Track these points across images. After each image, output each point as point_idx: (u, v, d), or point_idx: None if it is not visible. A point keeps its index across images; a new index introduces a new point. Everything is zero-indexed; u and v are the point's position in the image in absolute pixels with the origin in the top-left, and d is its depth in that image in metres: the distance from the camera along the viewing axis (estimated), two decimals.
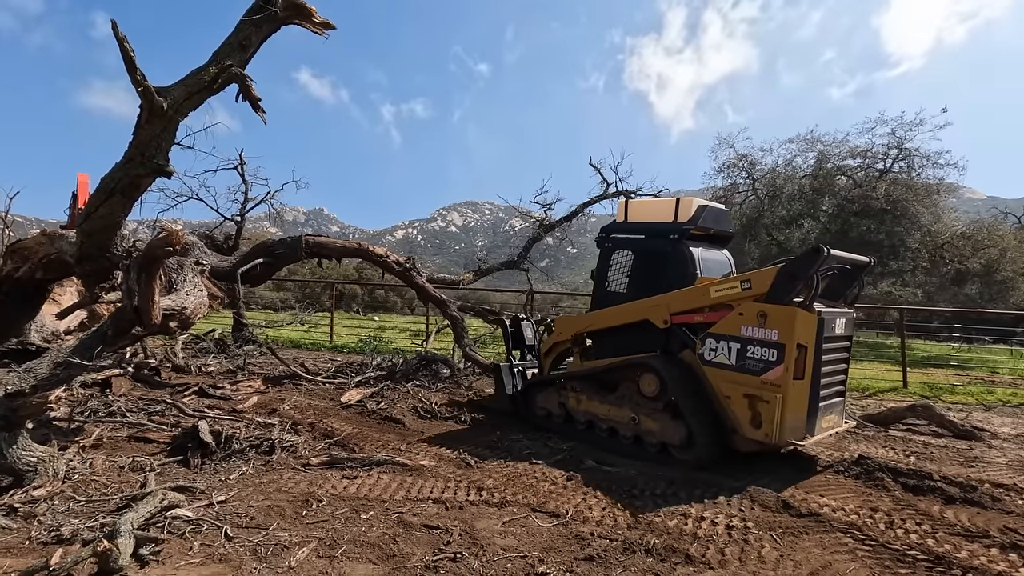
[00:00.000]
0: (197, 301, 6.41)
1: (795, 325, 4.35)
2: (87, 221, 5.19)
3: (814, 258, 4.40)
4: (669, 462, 4.83)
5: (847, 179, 22.83)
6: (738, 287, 4.75)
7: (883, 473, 4.51)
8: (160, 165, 4.81)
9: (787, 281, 4.51)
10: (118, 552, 2.58)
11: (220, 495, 3.62)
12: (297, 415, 5.84)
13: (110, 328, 5.14)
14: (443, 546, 3.09)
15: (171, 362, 8.18)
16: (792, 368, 4.35)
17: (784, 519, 3.67)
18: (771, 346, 4.42)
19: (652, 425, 4.99)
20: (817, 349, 4.49)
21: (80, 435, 4.70)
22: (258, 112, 5.15)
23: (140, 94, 4.46)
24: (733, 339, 4.64)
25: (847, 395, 5.37)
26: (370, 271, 55.43)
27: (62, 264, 6.96)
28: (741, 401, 4.56)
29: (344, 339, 14.24)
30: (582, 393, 5.58)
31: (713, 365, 4.75)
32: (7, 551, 2.82)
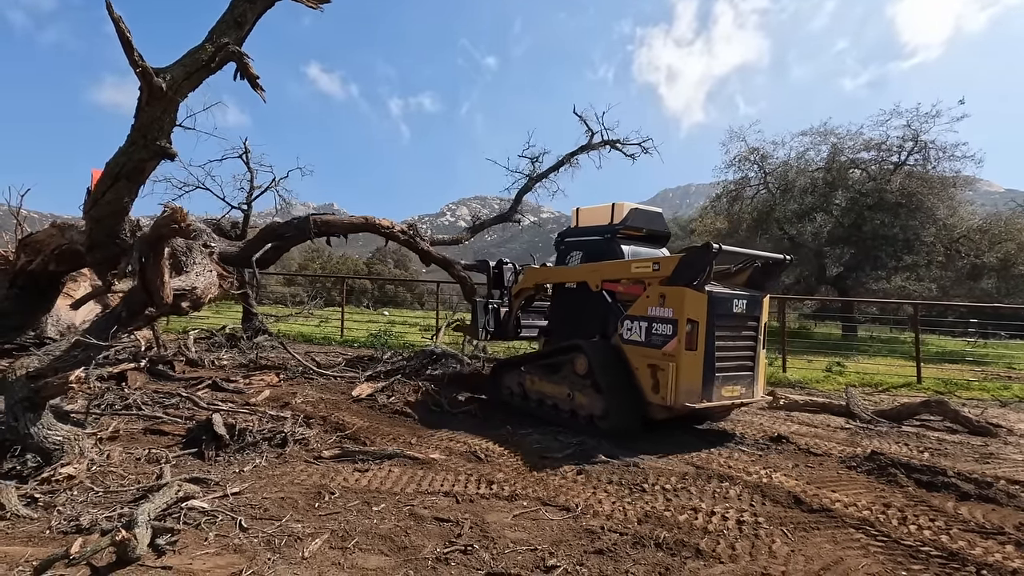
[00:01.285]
0: (207, 281, 6.49)
1: (685, 303, 5.10)
2: (95, 208, 5.20)
3: (706, 253, 5.14)
4: (597, 432, 5.46)
5: (861, 172, 22.52)
6: (650, 267, 5.56)
7: (896, 469, 4.48)
8: (163, 148, 4.80)
9: (685, 269, 5.24)
10: (136, 542, 2.63)
11: (234, 487, 3.67)
12: (309, 409, 5.90)
13: (124, 310, 5.22)
14: (454, 538, 3.11)
15: (185, 356, 8.28)
16: (684, 340, 5.07)
17: (795, 514, 3.65)
18: (668, 322, 5.18)
19: (583, 400, 5.70)
20: (709, 324, 5.16)
21: (97, 427, 4.77)
22: (257, 90, 5.12)
23: (139, 75, 4.45)
24: (643, 319, 5.41)
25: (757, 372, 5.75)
26: (380, 266, 55.53)
27: (74, 255, 7.03)
28: (645, 371, 5.30)
29: (355, 334, 14.34)
30: (535, 375, 6.35)
31: (630, 343, 5.50)
32: (28, 540, 2.88)
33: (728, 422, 6.41)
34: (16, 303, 7.67)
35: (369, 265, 55.00)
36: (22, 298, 7.57)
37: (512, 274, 7.75)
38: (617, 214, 6.51)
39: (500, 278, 7.75)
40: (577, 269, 6.50)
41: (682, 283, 5.20)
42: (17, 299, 7.62)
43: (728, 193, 25.29)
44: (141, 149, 4.77)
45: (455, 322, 11.66)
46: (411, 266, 62.36)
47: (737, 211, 24.84)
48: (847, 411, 7.03)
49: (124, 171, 4.87)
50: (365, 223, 9.61)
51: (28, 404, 4.02)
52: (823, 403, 7.43)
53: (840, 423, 6.65)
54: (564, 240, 7.04)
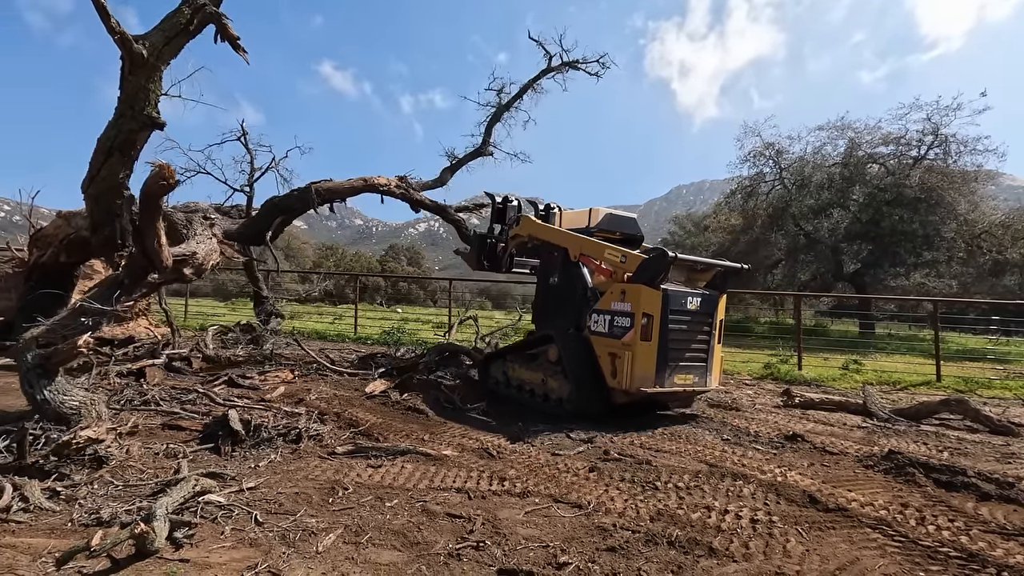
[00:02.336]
0: (208, 248, 6.58)
1: (641, 299, 5.69)
2: (92, 185, 5.20)
3: (662, 259, 5.80)
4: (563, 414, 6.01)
5: (879, 167, 22.15)
6: (619, 257, 6.13)
7: (914, 468, 4.41)
8: (152, 118, 4.79)
9: (643, 271, 5.84)
10: (154, 535, 2.68)
11: (250, 482, 3.72)
12: (323, 405, 5.95)
13: (126, 276, 5.31)
14: (466, 535, 3.13)
15: (202, 353, 8.39)
16: (639, 332, 5.63)
17: (810, 513, 3.61)
18: (627, 315, 5.77)
19: (554, 384, 6.28)
20: (663, 318, 5.71)
21: (117, 422, 4.85)
22: (239, 52, 5.09)
23: (118, 43, 4.41)
24: (607, 312, 5.98)
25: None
26: (393, 263, 55.85)
27: (82, 243, 7.11)
28: (607, 358, 5.85)
29: (368, 331, 14.45)
30: (516, 364, 6.92)
31: (596, 334, 6.06)
32: (51, 532, 2.95)
33: (742, 420, 6.36)
34: (33, 299, 7.83)
35: (382, 263, 55.32)
36: (38, 294, 7.71)
37: (514, 212, 8.16)
38: (594, 218, 7.19)
39: (503, 213, 8.18)
40: (563, 234, 7.06)
41: (641, 282, 5.79)
42: (34, 295, 7.77)
43: (743, 189, 25.02)
44: (130, 120, 4.75)
45: (467, 319, 11.69)
46: (424, 263, 62.61)
47: (752, 207, 24.57)
48: (864, 409, 6.93)
49: (116, 144, 4.85)
50: (364, 184, 9.73)
51: (40, 371, 4.15)
52: (839, 401, 7.33)
53: (857, 422, 6.56)
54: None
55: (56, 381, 4.51)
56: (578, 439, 5.23)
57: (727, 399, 7.63)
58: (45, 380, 4.32)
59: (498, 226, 8.22)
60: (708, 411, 6.82)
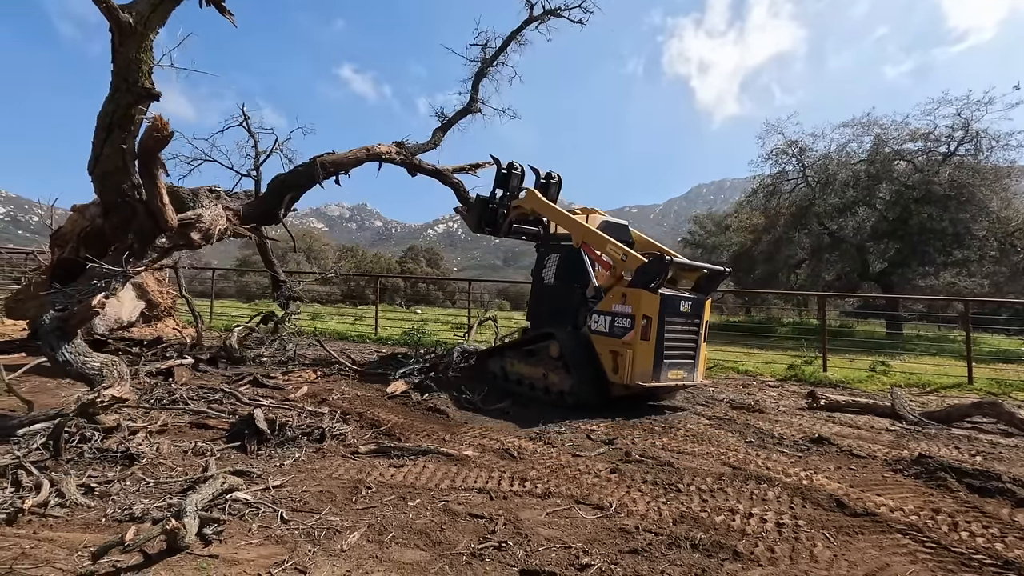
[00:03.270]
0: (214, 213, 6.73)
1: (641, 302, 6.17)
2: (97, 165, 5.26)
3: (660, 265, 6.27)
4: (563, 405, 6.46)
5: (907, 164, 21.64)
6: (620, 255, 6.60)
7: (946, 473, 4.30)
8: (147, 89, 4.81)
9: (641, 276, 6.28)
10: (185, 531, 2.74)
11: (275, 480, 3.78)
12: (345, 405, 6.03)
13: (135, 241, 5.43)
14: (488, 535, 3.14)
15: (227, 353, 8.56)
16: (639, 332, 6.12)
17: (838, 518, 3.55)
18: (628, 317, 6.24)
19: (555, 378, 6.71)
20: (660, 320, 6.25)
21: (148, 420, 4.98)
22: (225, 15, 5.09)
23: (104, 12, 4.41)
24: (607, 314, 6.45)
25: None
26: (412, 264, 56.29)
27: (98, 235, 7.28)
28: (608, 356, 6.34)
29: (388, 331, 14.58)
30: (514, 359, 7.36)
31: (596, 333, 6.53)
32: (86, 527, 3.04)
33: (766, 422, 6.27)
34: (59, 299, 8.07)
35: (402, 263, 55.78)
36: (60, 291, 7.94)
37: (518, 180, 8.39)
38: (590, 223, 7.52)
39: (507, 180, 8.34)
40: (567, 219, 7.49)
41: (639, 286, 6.24)
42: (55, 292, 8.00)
43: (765, 187, 24.67)
44: (125, 93, 4.78)
45: (487, 319, 11.72)
46: (443, 264, 62.95)
47: (774, 206, 24.21)
48: (892, 412, 6.78)
49: (114, 120, 4.89)
50: (367, 153, 9.84)
51: (60, 333, 4.32)
52: (867, 404, 7.18)
53: (885, 424, 6.42)
54: (544, 243, 8.09)
55: (75, 343, 4.70)
56: (599, 440, 5.21)
57: (750, 401, 7.52)
58: (64, 341, 4.50)
59: (500, 191, 8.41)
60: (730, 413, 6.74)
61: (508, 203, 8.35)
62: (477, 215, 8.50)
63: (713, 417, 6.45)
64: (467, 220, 9.04)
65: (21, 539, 2.84)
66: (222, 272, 32.97)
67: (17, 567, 2.57)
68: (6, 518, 3.03)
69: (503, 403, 6.47)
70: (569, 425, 5.76)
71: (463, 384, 7.14)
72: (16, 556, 2.67)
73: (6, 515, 3.05)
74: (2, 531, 2.93)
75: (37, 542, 2.82)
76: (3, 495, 3.29)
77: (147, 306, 11.33)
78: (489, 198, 8.46)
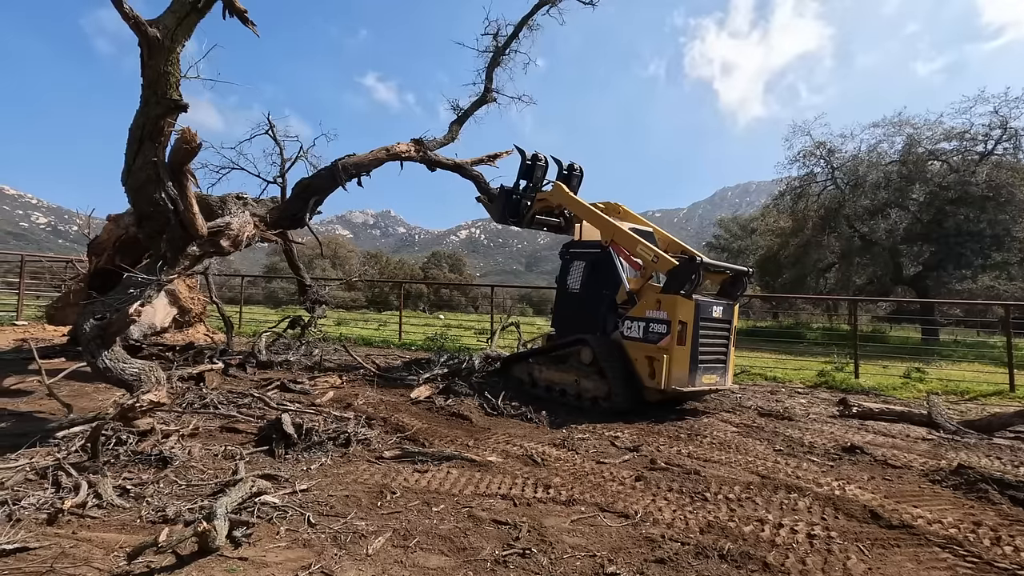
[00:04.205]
0: (242, 220, 6.90)
1: (677, 308, 6.24)
2: (130, 176, 5.41)
3: (692, 266, 6.35)
4: (598, 411, 6.48)
5: (941, 164, 21.00)
6: (651, 256, 6.67)
7: (987, 484, 4.13)
8: (176, 101, 4.95)
9: (673, 280, 6.34)
10: (215, 533, 2.80)
11: (302, 484, 3.84)
12: (370, 410, 6.09)
13: (167, 249, 5.59)
14: (512, 542, 3.13)
15: (256, 358, 8.73)
16: (676, 337, 6.21)
17: (872, 530, 3.44)
18: (663, 323, 6.31)
19: (588, 384, 6.72)
20: (695, 325, 6.37)
21: (180, 424, 5.11)
22: (248, 25, 5.20)
23: (133, 28, 4.56)
24: (641, 320, 6.53)
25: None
26: (435, 270, 56.74)
27: (132, 242, 7.51)
28: (643, 361, 6.40)
29: (412, 337, 14.70)
30: (543, 366, 7.39)
31: (629, 339, 6.61)
32: (121, 527, 3.13)
33: (795, 429, 6.13)
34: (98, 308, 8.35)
35: (425, 269, 56.22)
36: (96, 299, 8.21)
37: (542, 171, 8.37)
38: (613, 219, 7.44)
39: (531, 171, 8.32)
40: (595, 215, 7.49)
41: (673, 291, 6.30)
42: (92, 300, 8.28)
43: (792, 190, 24.21)
44: (155, 106, 4.94)
45: (509, 325, 11.73)
46: (465, 270, 63.26)
47: (802, 209, 23.73)
48: (929, 421, 6.55)
49: (145, 132, 5.05)
50: (387, 154, 9.93)
51: (100, 341, 4.50)
52: (901, 411, 6.95)
53: (921, 433, 6.21)
54: (569, 250, 7.96)
55: (115, 350, 4.90)
56: (623, 447, 5.15)
57: (779, 408, 7.36)
58: (104, 348, 4.68)
59: (523, 182, 8.39)
60: (758, 420, 6.60)
61: (532, 194, 8.34)
62: (501, 206, 8.49)
63: (740, 424, 6.32)
64: (490, 211, 9.06)
65: (61, 538, 2.94)
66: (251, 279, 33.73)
67: (57, 566, 2.66)
68: (47, 518, 3.14)
69: (526, 408, 6.45)
70: (593, 431, 5.72)
71: (486, 390, 7.15)
72: (56, 555, 2.76)
73: (47, 515, 3.16)
74: (43, 530, 3.03)
75: (76, 542, 2.91)
76: (44, 495, 3.41)
77: (179, 312, 11.65)
78: (513, 189, 8.45)
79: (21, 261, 15.42)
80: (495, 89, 12.01)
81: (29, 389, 6.58)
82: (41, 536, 2.95)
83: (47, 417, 5.28)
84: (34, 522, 3.12)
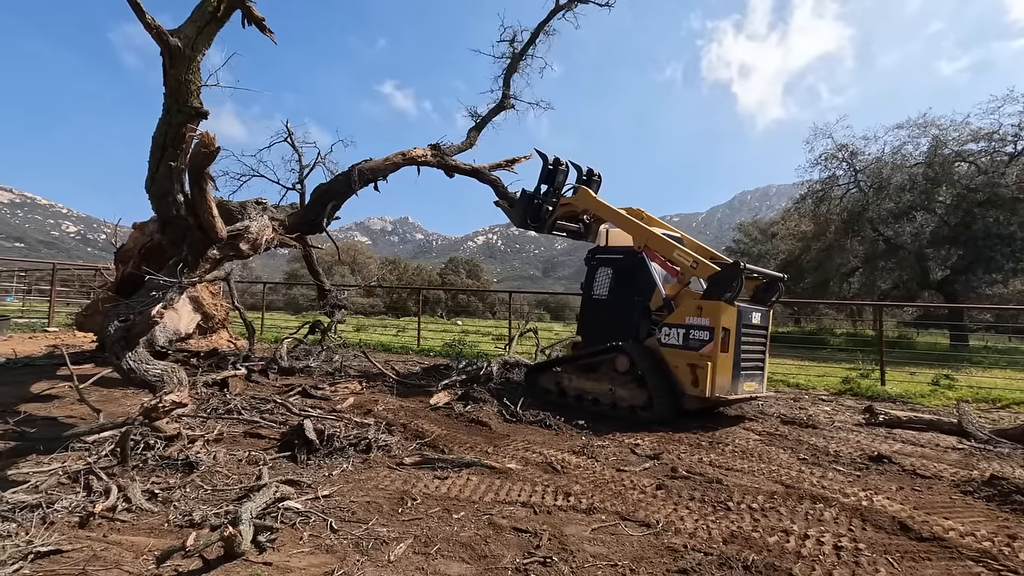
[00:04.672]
0: (260, 224, 7.04)
1: (721, 315, 6.15)
2: (154, 184, 5.55)
3: (734, 271, 6.26)
4: (635, 420, 6.39)
5: (969, 165, 20.52)
6: (690, 262, 6.55)
7: (1023, 496, 4.01)
8: (196, 108, 5.07)
9: (715, 286, 6.26)
10: (241, 538, 2.84)
11: (324, 490, 3.88)
12: (390, 416, 6.12)
13: (188, 253, 5.73)
14: (533, 550, 3.12)
15: (278, 364, 8.86)
16: (719, 344, 6.13)
17: (902, 542, 3.35)
18: (705, 329, 6.20)
19: (624, 393, 6.62)
20: (737, 332, 6.36)
21: (205, 430, 5.20)
22: (266, 33, 5.29)
23: (155, 38, 4.68)
24: (680, 326, 6.40)
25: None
26: (453, 276, 57.00)
27: (157, 249, 7.68)
28: (685, 369, 6.27)
29: (430, 343, 14.77)
30: (572, 375, 7.23)
31: (667, 346, 6.49)
32: (150, 531, 3.19)
33: (820, 438, 6.01)
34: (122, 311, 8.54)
35: (442, 275, 56.53)
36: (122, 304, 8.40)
37: (564, 176, 8.31)
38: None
39: (552, 176, 8.26)
40: (626, 219, 7.40)
41: (715, 297, 6.22)
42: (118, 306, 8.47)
43: (814, 193, 23.85)
44: (176, 113, 5.07)
45: (527, 331, 11.72)
46: (482, 275, 63.47)
47: (824, 212, 23.35)
48: (959, 429, 6.38)
49: (167, 139, 5.19)
50: (403, 159, 9.98)
51: (124, 343, 4.65)
52: (930, 420, 6.78)
53: (951, 443, 6.05)
54: (595, 256, 7.82)
55: (138, 351, 5.06)
56: (644, 455, 5.11)
57: (802, 415, 7.23)
58: (128, 350, 4.83)
59: (544, 186, 8.33)
60: (781, 428, 6.49)
61: (553, 199, 8.27)
62: (523, 210, 8.40)
63: (763, 432, 6.23)
64: (510, 215, 9.01)
65: (92, 541, 3.01)
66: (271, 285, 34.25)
67: (89, 568, 2.72)
68: (79, 521, 3.22)
69: (545, 415, 6.43)
70: (613, 439, 5.68)
71: (505, 396, 7.16)
72: (88, 558, 2.83)
73: (79, 518, 3.24)
74: (75, 533, 3.11)
75: (107, 545, 2.98)
76: (76, 499, 3.50)
77: (203, 318, 11.87)
78: (534, 193, 8.38)
79: (52, 269, 15.89)
80: (513, 95, 12.07)
81: (60, 394, 6.76)
82: (73, 539, 3.02)
83: (77, 421, 5.41)
84: (67, 525, 3.20)
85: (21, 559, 2.75)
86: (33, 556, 2.79)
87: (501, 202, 10.14)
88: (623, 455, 5.12)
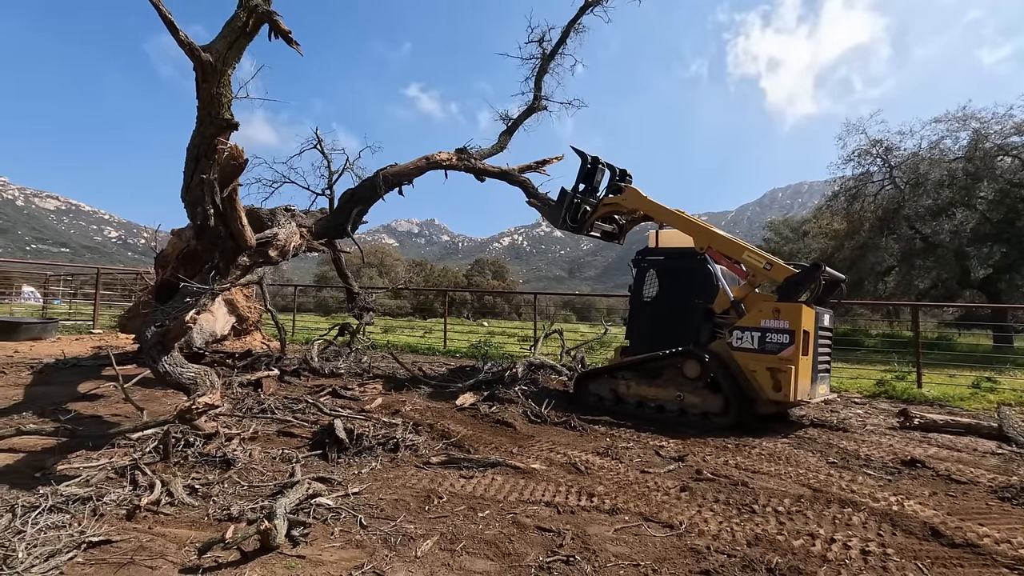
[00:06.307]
0: (288, 231, 7.27)
1: (801, 317, 6.04)
2: (188, 192, 5.78)
3: (814, 272, 6.34)
4: (709, 427, 6.26)
5: (1012, 160, 19.71)
6: (763, 264, 6.43)
7: None
8: (228, 120, 5.28)
9: (792, 287, 6.22)
10: (276, 532, 2.98)
11: (354, 487, 4.01)
12: (417, 416, 6.25)
13: (220, 261, 5.97)
14: (556, 548, 3.18)
15: (309, 365, 9.11)
16: (800, 347, 6.02)
17: (933, 548, 3.30)
18: (784, 332, 6.07)
19: (695, 399, 6.44)
20: (816, 335, 6.30)
21: (241, 428, 5.41)
22: (292, 45, 5.45)
23: (188, 53, 4.88)
24: (755, 329, 6.24)
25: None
26: (478, 277, 57.27)
27: (193, 255, 7.99)
28: (764, 373, 6.11)
29: (457, 344, 14.93)
30: (631, 381, 6.99)
31: (740, 350, 6.31)
32: (191, 524, 3.36)
33: (851, 441, 5.91)
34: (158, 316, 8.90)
35: (468, 277, 56.90)
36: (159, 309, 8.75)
37: (602, 176, 8.18)
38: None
39: (591, 175, 8.13)
40: (689, 221, 7.14)
41: (792, 299, 6.15)
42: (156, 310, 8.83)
43: (847, 190, 23.25)
44: (209, 125, 5.28)
45: (552, 332, 11.76)
46: (508, 277, 63.65)
47: (858, 210, 22.74)
48: (999, 434, 6.18)
49: (201, 150, 5.43)
50: (428, 163, 10.06)
51: (160, 347, 4.90)
52: (968, 424, 6.59)
53: (990, 447, 5.87)
54: (645, 258, 7.72)
55: (173, 355, 5.31)
56: (668, 457, 5.11)
57: (833, 418, 7.10)
58: (163, 354, 5.08)
59: (583, 185, 8.19)
60: (810, 431, 6.39)
61: (592, 199, 8.10)
62: (563, 210, 8.09)
63: (791, 435, 6.14)
64: (547, 215, 8.91)
65: (139, 533, 3.19)
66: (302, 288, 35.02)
67: (137, 558, 2.89)
68: (126, 513, 3.41)
69: (568, 416, 6.47)
70: (637, 440, 5.69)
71: (530, 397, 7.22)
72: (135, 548, 3.00)
73: (126, 511, 3.43)
74: (123, 525, 3.30)
75: (152, 536, 3.15)
76: (123, 492, 3.70)
77: (237, 320, 12.27)
78: (572, 193, 8.14)
79: (96, 274, 16.60)
80: (545, 96, 12.04)
81: (105, 393, 7.10)
82: (121, 530, 3.21)
83: (122, 419, 5.69)
84: (115, 517, 3.39)
85: (75, 548, 2.94)
86: (86, 545, 2.98)
87: (534, 202, 10.12)
88: (647, 457, 5.13)
